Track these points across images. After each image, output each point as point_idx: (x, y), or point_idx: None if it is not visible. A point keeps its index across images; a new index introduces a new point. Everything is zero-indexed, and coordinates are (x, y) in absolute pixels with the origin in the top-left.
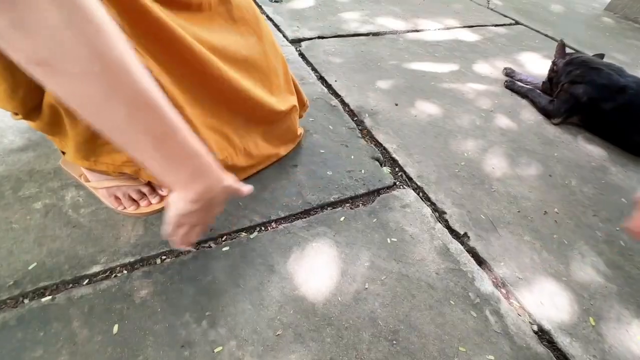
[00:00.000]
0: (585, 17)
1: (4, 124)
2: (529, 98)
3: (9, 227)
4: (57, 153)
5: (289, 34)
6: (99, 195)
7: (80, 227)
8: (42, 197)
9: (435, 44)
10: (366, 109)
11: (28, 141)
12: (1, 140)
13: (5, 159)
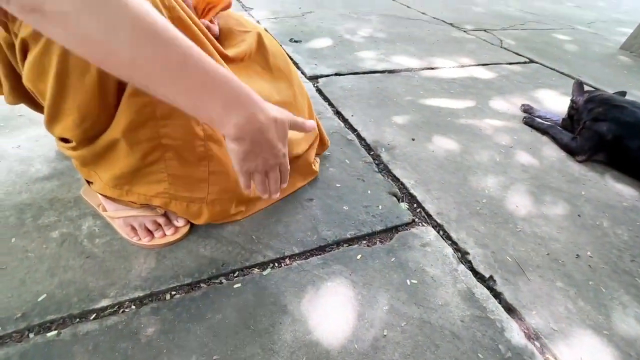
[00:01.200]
0: (600, 55)
1: (33, 152)
2: (550, 134)
3: (24, 256)
4: (78, 182)
5: (308, 71)
6: (115, 225)
7: (94, 257)
8: (60, 225)
9: (450, 81)
10: (383, 144)
11: (53, 170)
12: (28, 169)
13: (30, 187)
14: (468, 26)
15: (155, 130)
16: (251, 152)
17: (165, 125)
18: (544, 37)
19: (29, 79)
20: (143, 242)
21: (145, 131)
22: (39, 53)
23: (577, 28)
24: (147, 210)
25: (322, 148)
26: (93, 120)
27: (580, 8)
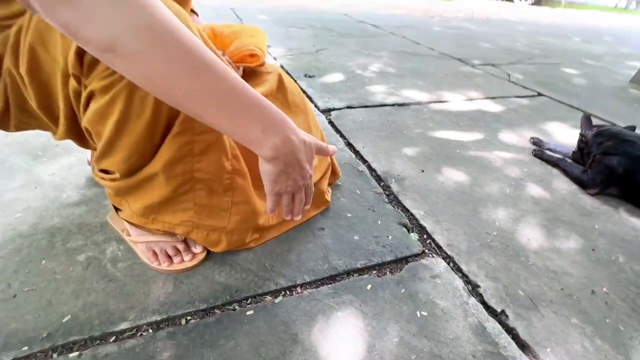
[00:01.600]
0: (610, 89)
1: (65, 180)
2: (560, 167)
3: (52, 278)
4: (105, 208)
5: (320, 104)
6: (137, 249)
7: (116, 281)
8: (86, 249)
9: (459, 114)
10: (393, 175)
11: (83, 196)
12: (61, 195)
13: (61, 212)
14: (476, 61)
15: (191, 166)
16: (283, 173)
17: (199, 161)
18: (552, 71)
19: (90, 122)
20: (162, 267)
21: (182, 166)
22: (105, 103)
23: (585, 62)
24: (168, 236)
25: (334, 178)
26: (139, 157)
27: (587, 43)
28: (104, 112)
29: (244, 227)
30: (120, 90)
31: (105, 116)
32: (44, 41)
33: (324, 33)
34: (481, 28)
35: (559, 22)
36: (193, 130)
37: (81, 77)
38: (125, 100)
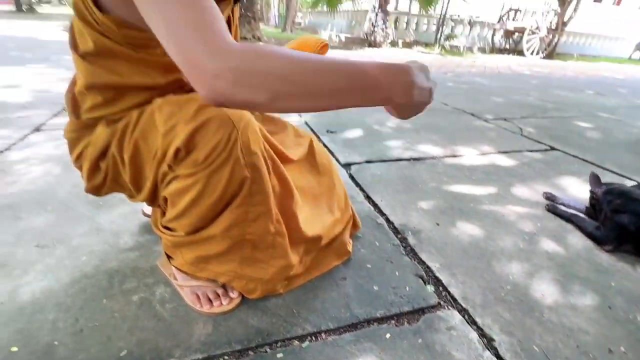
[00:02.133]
0: (625, 142)
1: (122, 227)
2: (574, 223)
3: (111, 315)
4: (155, 254)
5: (341, 159)
6: (182, 292)
7: (164, 320)
8: (139, 291)
9: (472, 168)
10: (409, 227)
11: (136, 242)
12: (118, 241)
13: (118, 256)
14: (488, 115)
15: (244, 229)
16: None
17: (251, 226)
18: (565, 125)
19: (171, 195)
20: (204, 309)
21: (237, 229)
22: (187, 184)
23: (599, 115)
24: (210, 281)
25: (355, 229)
26: (203, 222)
27: (601, 95)
28: (185, 189)
29: (278, 278)
30: (200, 177)
31: (184, 192)
32: (146, 138)
33: None
34: (493, 82)
35: (572, 75)
36: (249, 203)
37: (172, 165)
38: (203, 183)
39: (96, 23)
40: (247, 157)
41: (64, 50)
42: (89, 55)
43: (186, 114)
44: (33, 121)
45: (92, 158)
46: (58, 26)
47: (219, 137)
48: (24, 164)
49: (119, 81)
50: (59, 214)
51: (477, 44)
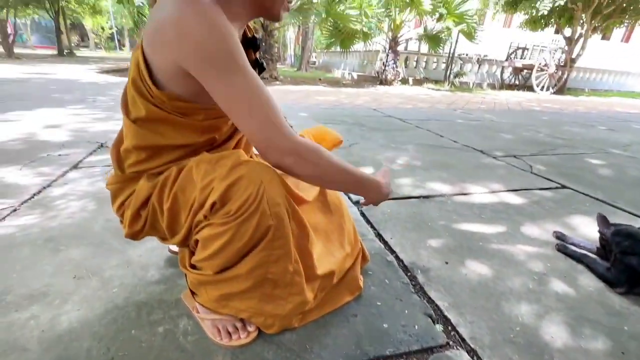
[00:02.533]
0: (638, 180)
1: (149, 261)
2: (585, 263)
3: (139, 346)
4: (179, 287)
5: (353, 197)
6: (204, 325)
7: (186, 352)
8: (164, 322)
9: (481, 206)
10: (419, 266)
11: (162, 276)
12: (146, 274)
13: (146, 289)
14: (498, 152)
15: (266, 270)
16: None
17: (273, 266)
18: (576, 162)
19: (203, 239)
20: (223, 342)
21: (260, 270)
22: (219, 231)
23: (611, 152)
24: (230, 316)
25: (364, 262)
26: (230, 263)
27: (613, 131)
28: (217, 235)
29: (294, 314)
30: (232, 226)
31: (216, 238)
32: (184, 191)
33: (355, 128)
34: (503, 118)
35: (583, 110)
36: (272, 247)
37: (208, 215)
38: (234, 231)
39: (150, 96)
40: (272, 208)
41: (98, 92)
42: (139, 120)
43: (221, 172)
44: (71, 159)
45: (135, 207)
46: (93, 69)
47: (249, 192)
48: (63, 200)
49: (162, 141)
50: (94, 247)
51: (486, 81)
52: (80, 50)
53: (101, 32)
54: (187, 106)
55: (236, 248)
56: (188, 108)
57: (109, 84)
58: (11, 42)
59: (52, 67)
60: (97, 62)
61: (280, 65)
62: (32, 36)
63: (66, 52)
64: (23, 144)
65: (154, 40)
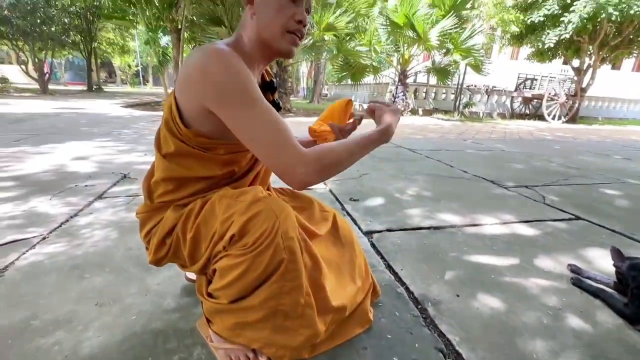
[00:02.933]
0: None
1: (166, 289)
2: (602, 298)
3: None
4: (194, 316)
5: (363, 227)
6: (217, 354)
7: None
8: (178, 350)
9: (493, 238)
10: (429, 298)
11: (177, 304)
12: (163, 302)
13: (162, 317)
14: (509, 183)
15: (279, 301)
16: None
17: (285, 298)
18: (591, 193)
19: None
20: None
21: (273, 301)
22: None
23: (628, 182)
24: (242, 345)
25: (375, 296)
26: (245, 293)
27: (630, 160)
28: (233, 266)
29: (305, 345)
30: (248, 257)
31: (233, 268)
32: (206, 223)
33: (366, 158)
34: (514, 148)
35: (597, 139)
36: (284, 279)
37: (227, 247)
38: (249, 262)
39: (179, 133)
40: (286, 242)
41: (123, 125)
42: (169, 155)
43: (240, 207)
44: (97, 189)
45: (161, 235)
46: (119, 103)
47: (265, 227)
48: (88, 229)
49: (187, 174)
50: (115, 274)
51: (496, 110)
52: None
53: (128, 70)
54: (209, 142)
55: (251, 279)
56: (210, 143)
57: (133, 117)
58: (47, 80)
59: (82, 102)
60: (122, 97)
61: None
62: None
63: (95, 88)
64: (54, 175)
65: (183, 86)
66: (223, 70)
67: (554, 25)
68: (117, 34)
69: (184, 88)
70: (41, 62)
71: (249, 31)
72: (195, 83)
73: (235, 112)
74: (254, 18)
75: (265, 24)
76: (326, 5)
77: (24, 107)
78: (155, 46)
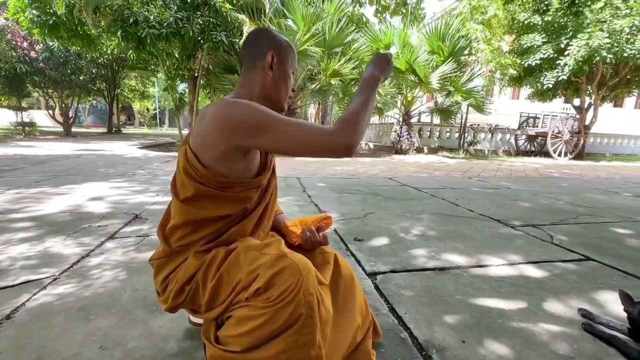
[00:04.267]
0: None
1: (169, 332)
2: (615, 346)
3: None
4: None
5: (367, 268)
6: None
7: None
8: None
9: (499, 280)
10: (434, 344)
11: (179, 348)
12: (165, 346)
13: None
14: (516, 222)
15: (291, 354)
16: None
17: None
18: (601, 232)
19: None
20: None
21: (286, 355)
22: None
23: (638, 220)
24: None
25: (376, 336)
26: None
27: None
28: (254, 317)
29: None
30: (270, 310)
31: (253, 318)
32: (229, 273)
33: (371, 197)
34: (520, 186)
35: (605, 176)
36: (300, 333)
37: (250, 298)
38: (271, 315)
39: (197, 176)
40: (306, 297)
41: (138, 165)
42: (187, 199)
43: (266, 260)
44: (109, 230)
45: (181, 282)
46: (135, 144)
47: (290, 282)
48: (98, 269)
49: (206, 215)
50: (121, 316)
51: (501, 148)
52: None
53: (146, 113)
54: (226, 181)
55: (269, 330)
56: (228, 182)
57: (147, 158)
58: (71, 124)
59: (101, 144)
60: (139, 139)
61: None
62: (88, 117)
63: (114, 130)
64: (70, 215)
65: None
66: (245, 109)
67: (550, 68)
68: (139, 81)
69: (206, 139)
70: (67, 107)
71: (257, 88)
72: (222, 129)
73: (268, 134)
74: (268, 80)
75: (278, 87)
76: (332, 54)
77: (47, 149)
78: (173, 92)
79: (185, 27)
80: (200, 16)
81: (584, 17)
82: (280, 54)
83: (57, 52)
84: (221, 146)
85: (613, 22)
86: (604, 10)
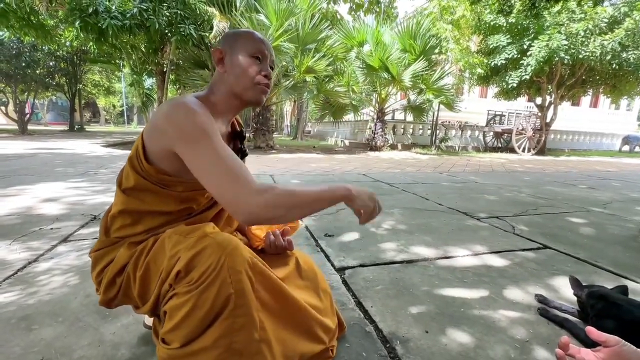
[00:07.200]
0: (620, 238)
1: (122, 339)
2: (566, 328)
3: None
4: None
5: (336, 264)
6: None
7: None
8: None
9: (464, 270)
10: (398, 336)
11: (132, 355)
12: (116, 353)
13: None
14: (481, 214)
15: (231, 339)
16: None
17: (237, 335)
18: (558, 222)
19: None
20: None
21: (225, 339)
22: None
23: (592, 210)
24: None
25: (341, 332)
26: (195, 333)
27: (594, 189)
28: (180, 305)
29: None
30: (194, 294)
31: (180, 307)
32: (155, 260)
33: None
34: (487, 180)
35: (564, 170)
36: (234, 315)
37: (173, 284)
38: (196, 299)
39: (141, 169)
40: (233, 275)
41: (101, 164)
42: (128, 190)
43: (188, 242)
44: (62, 232)
45: (112, 274)
46: (99, 143)
47: (211, 261)
48: (46, 275)
49: (144, 207)
50: (68, 324)
51: (471, 144)
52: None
53: (112, 110)
54: (169, 179)
55: (199, 317)
56: (170, 181)
57: (112, 157)
58: (27, 121)
59: (60, 142)
60: (104, 137)
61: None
62: (47, 114)
63: (77, 128)
64: (18, 218)
65: (151, 130)
66: (184, 116)
67: (515, 68)
68: (103, 76)
69: (152, 132)
70: (22, 103)
71: (221, 86)
72: (162, 128)
73: (193, 150)
74: (225, 75)
75: (237, 79)
76: (305, 50)
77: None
78: (140, 88)
79: (151, 20)
80: (167, 8)
81: (544, 20)
82: (232, 45)
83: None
84: (159, 143)
85: (570, 25)
86: (561, 14)
